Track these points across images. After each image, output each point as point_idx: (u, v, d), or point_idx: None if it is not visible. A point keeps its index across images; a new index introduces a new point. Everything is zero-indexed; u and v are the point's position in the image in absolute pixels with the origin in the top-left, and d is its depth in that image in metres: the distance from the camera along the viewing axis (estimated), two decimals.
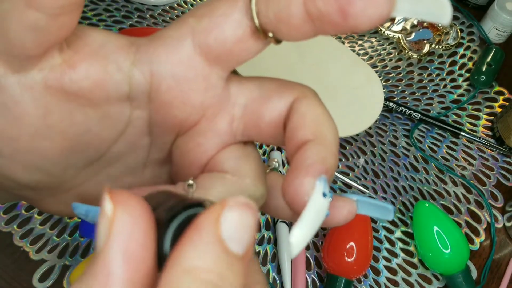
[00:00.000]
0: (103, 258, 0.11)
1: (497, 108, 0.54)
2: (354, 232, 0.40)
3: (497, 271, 0.45)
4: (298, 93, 0.17)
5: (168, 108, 0.16)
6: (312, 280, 0.42)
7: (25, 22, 0.13)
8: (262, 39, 0.15)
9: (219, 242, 0.11)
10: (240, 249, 0.11)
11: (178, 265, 0.10)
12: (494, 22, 0.58)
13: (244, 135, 0.17)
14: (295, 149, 0.16)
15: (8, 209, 0.42)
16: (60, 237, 0.42)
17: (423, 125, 0.53)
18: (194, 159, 0.17)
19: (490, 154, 0.51)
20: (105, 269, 0.11)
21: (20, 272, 0.40)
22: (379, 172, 0.49)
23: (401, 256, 0.44)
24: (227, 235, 0.11)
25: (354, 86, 0.49)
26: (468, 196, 0.48)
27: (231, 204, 0.11)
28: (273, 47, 0.52)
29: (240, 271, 0.11)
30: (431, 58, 0.58)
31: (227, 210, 0.11)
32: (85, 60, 0.15)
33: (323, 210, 0.15)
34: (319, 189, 0.14)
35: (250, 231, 0.11)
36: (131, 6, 0.58)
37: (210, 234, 0.11)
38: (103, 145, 0.17)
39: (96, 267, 0.11)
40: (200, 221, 0.11)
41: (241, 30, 0.15)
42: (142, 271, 0.11)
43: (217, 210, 0.11)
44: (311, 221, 0.14)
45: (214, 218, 0.11)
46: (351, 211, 0.17)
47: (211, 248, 0.11)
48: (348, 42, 0.58)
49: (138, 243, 0.11)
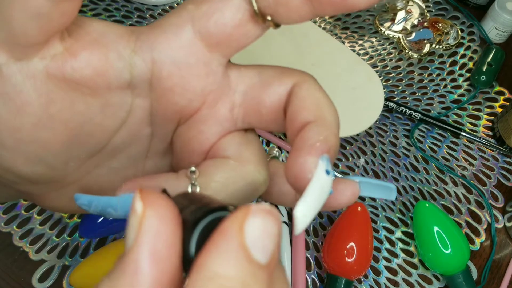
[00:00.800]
0: (132, 255, 0.11)
1: (497, 108, 0.54)
2: (354, 232, 0.40)
3: (498, 272, 0.45)
4: (298, 78, 0.17)
5: (169, 95, 0.16)
6: (312, 280, 0.42)
7: (28, 9, 0.13)
8: (261, 23, 0.16)
9: (243, 250, 0.11)
10: (263, 257, 0.11)
11: (202, 272, 0.10)
12: (494, 22, 0.58)
13: (244, 122, 0.18)
14: (297, 131, 0.16)
15: (7, 209, 0.42)
16: (60, 237, 0.42)
17: (423, 125, 0.52)
18: (196, 147, 0.17)
19: (490, 154, 0.51)
20: (133, 265, 0.11)
21: (19, 272, 0.40)
22: (379, 172, 0.49)
23: (402, 256, 0.44)
24: (251, 243, 0.11)
25: (354, 86, 0.49)
26: (469, 196, 0.48)
27: (255, 210, 0.11)
28: (273, 46, 0.52)
29: (263, 280, 0.11)
30: (432, 58, 0.58)
31: (251, 217, 0.11)
32: (86, 48, 0.15)
33: (326, 187, 0.15)
34: (322, 167, 0.14)
35: (274, 239, 0.11)
36: (131, 6, 0.58)
37: (234, 241, 0.11)
38: (105, 135, 0.17)
39: (125, 263, 0.11)
40: (225, 227, 0.11)
41: (240, 14, 0.15)
42: (168, 271, 0.11)
43: (242, 216, 0.11)
44: (315, 197, 0.14)
45: (239, 224, 0.11)
46: (354, 192, 0.17)
47: (235, 255, 0.11)
48: (348, 42, 0.58)
49: (165, 243, 0.11)
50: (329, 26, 0.59)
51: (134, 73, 0.16)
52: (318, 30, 0.53)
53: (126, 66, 0.16)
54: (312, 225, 0.45)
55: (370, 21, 0.60)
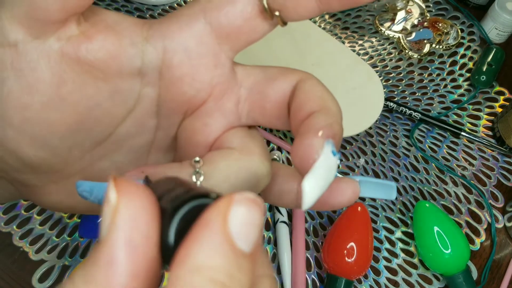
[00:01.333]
0: (106, 244, 0.11)
1: (497, 108, 0.54)
2: (354, 232, 0.40)
3: (498, 272, 0.45)
4: (301, 75, 0.17)
5: (178, 84, 0.17)
6: (312, 281, 0.42)
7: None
8: (269, 19, 0.16)
9: (227, 240, 0.11)
10: (247, 247, 0.11)
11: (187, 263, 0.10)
12: (494, 22, 0.58)
13: (249, 117, 0.18)
14: (301, 121, 0.16)
15: (7, 209, 0.42)
16: (60, 237, 0.42)
17: (423, 125, 0.52)
18: (200, 139, 0.18)
19: (490, 154, 0.51)
20: (108, 256, 0.11)
21: (19, 272, 0.40)
22: (379, 172, 0.49)
23: (402, 256, 0.44)
24: (235, 232, 0.11)
25: (354, 86, 0.49)
26: (469, 196, 0.48)
27: (239, 199, 0.11)
28: (273, 47, 0.52)
29: (248, 269, 0.11)
30: (432, 58, 0.58)
31: (234, 206, 0.11)
32: (101, 33, 0.16)
33: (333, 167, 0.15)
34: (328, 148, 0.15)
35: (257, 228, 0.11)
36: (131, 6, 0.58)
37: (218, 231, 0.11)
38: (111, 123, 0.17)
39: (100, 253, 0.11)
40: (207, 217, 0.11)
41: (250, 7, 0.16)
42: (145, 261, 0.11)
43: (225, 206, 0.11)
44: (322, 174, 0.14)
45: (222, 214, 0.11)
46: (355, 191, 0.17)
47: (220, 246, 0.10)
48: (348, 42, 0.58)
49: (141, 232, 0.11)
50: (329, 26, 0.59)
51: (145, 60, 0.16)
52: (318, 30, 0.53)
53: (138, 52, 0.16)
54: (312, 225, 0.45)
55: (370, 21, 0.60)
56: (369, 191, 0.17)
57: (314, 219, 0.45)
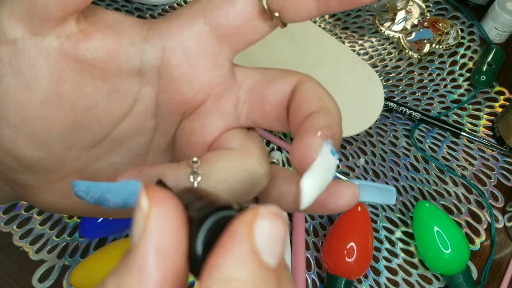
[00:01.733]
0: (138, 251, 0.11)
1: (497, 108, 0.54)
2: (354, 232, 0.40)
3: (498, 272, 0.45)
4: (300, 77, 0.17)
5: (177, 84, 0.17)
6: (312, 280, 0.42)
7: None
8: (269, 20, 0.16)
9: (254, 254, 0.11)
10: (273, 261, 0.11)
11: (216, 275, 0.10)
12: (494, 22, 0.58)
13: (248, 119, 0.18)
14: (300, 122, 0.16)
15: (7, 209, 0.42)
16: (60, 237, 0.42)
17: (423, 125, 0.52)
18: (199, 140, 0.18)
19: (490, 154, 0.51)
20: (140, 262, 0.11)
21: (19, 272, 0.40)
22: (379, 172, 0.49)
23: (402, 256, 0.44)
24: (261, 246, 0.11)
25: (354, 86, 0.49)
26: (469, 196, 0.48)
27: (264, 213, 0.11)
28: (273, 46, 0.52)
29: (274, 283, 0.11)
30: (432, 58, 0.58)
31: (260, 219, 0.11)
32: (100, 32, 0.16)
33: (332, 166, 0.15)
34: (327, 147, 0.15)
35: (282, 242, 0.11)
36: (131, 6, 0.58)
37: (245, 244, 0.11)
38: (110, 123, 0.17)
39: (131, 260, 0.11)
40: (234, 229, 0.11)
41: (250, 8, 0.16)
42: (174, 269, 0.11)
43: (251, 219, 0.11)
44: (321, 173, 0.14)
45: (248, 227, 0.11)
46: (354, 195, 0.17)
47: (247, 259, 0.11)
48: (348, 42, 0.58)
49: (171, 241, 0.11)
50: (329, 26, 0.59)
51: (144, 60, 0.16)
52: (318, 30, 0.53)
53: (137, 52, 0.16)
54: (312, 225, 0.45)
55: (370, 21, 0.60)
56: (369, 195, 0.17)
57: (314, 219, 0.45)
